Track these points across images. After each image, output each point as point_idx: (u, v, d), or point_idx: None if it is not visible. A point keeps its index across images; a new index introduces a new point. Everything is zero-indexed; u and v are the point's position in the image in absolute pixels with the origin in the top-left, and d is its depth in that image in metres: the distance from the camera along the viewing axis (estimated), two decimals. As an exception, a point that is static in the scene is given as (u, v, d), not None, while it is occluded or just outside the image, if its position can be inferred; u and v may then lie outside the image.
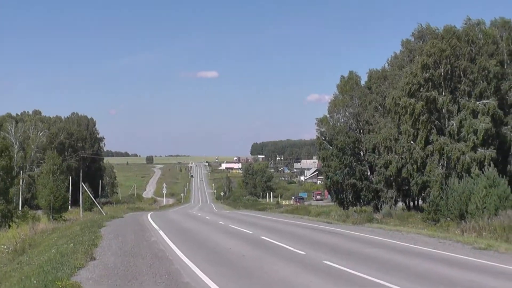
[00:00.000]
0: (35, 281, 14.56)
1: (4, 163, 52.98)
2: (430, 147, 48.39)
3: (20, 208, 68.29)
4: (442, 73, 48.47)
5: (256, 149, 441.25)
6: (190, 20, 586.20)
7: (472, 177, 40.66)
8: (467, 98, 47.79)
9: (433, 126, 49.20)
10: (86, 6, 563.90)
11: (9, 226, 48.69)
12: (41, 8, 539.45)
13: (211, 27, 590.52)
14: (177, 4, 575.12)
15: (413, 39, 58.19)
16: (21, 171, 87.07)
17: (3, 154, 53.32)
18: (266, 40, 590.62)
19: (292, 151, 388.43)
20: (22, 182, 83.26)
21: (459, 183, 41.07)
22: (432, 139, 48.39)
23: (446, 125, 48.89)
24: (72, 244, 23.16)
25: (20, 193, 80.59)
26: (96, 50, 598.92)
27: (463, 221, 35.43)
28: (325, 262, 18.58)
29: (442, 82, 49.00)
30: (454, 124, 47.83)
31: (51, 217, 58.64)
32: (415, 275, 15.97)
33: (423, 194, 52.83)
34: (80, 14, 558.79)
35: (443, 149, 47.33)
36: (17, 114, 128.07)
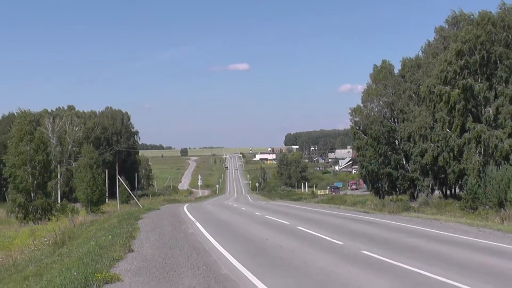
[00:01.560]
0: (75, 273, 14.66)
1: (41, 158, 53.74)
2: (466, 135, 47.83)
3: (59, 202, 69.16)
4: (478, 60, 47.79)
5: (290, 139, 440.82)
6: (220, 13, 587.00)
7: (511, 165, 40.17)
8: (504, 85, 47.11)
9: (469, 113, 48.62)
10: (120, 3, 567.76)
11: (49, 219, 49.42)
12: (73, 3, 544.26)
13: (241, 19, 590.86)
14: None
15: (446, 26, 57.61)
16: (59, 165, 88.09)
17: (40, 149, 54.07)
18: (297, 31, 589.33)
19: (326, 141, 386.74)
20: (60, 176, 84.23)
21: (497, 170, 40.60)
22: (469, 127, 47.82)
23: (483, 112, 48.29)
24: (110, 236, 23.32)
25: (59, 186, 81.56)
26: (129, 45, 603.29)
27: (502, 209, 35.03)
28: (363, 252, 18.44)
29: (478, 69, 48.33)
30: (491, 111, 47.22)
31: (89, 209, 59.44)
32: (456, 265, 15.75)
33: (460, 182, 52.33)
34: (113, 8, 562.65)
35: (480, 137, 46.74)
36: (52, 110, 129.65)
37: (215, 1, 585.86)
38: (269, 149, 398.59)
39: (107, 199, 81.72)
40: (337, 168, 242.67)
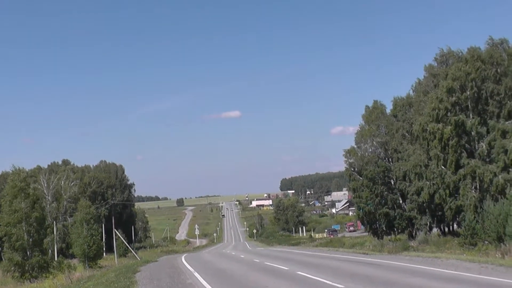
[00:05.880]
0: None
1: (37, 215, 53.33)
2: (461, 171, 47.78)
3: (55, 258, 68.51)
4: (469, 96, 48.09)
5: (286, 184, 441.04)
6: (209, 63, 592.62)
7: (507, 198, 40.06)
8: (495, 119, 47.27)
9: (463, 149, 48.67)
10: (109, 55, 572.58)
11: (46, 276, 48.83)
12: (65, 60, 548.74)
13: (230, 68, 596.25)
14: (198, 50, 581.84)
15: (436, 64, 58.00)
16: (54, 222, 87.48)
17: (35, 205, 53.71)
18: (285, 74, 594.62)
19: (321, 184, 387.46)
20: (56, 232, 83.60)
21: (494, 205, 40.46)
22: (463, 163, 47.82)
23: (476, 148, 48.35)
24: (108, 291, 23.05)
25: (55, 243, 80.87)
26: (118, 99, 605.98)
27: (502, 243, 34.80)
28: (365, 294, 18.22)
29: (469, 105, 48.58)
30: (484, 146, 47.26)
31: (86, 265, 58.86)
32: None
33: (458, 219, 52.10)
34: (102, 64, 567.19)
35: (475, 172, 46.69)
36: (48, 165, 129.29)
37: (205, 52, 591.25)
38: (265, 195, 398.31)
39: (104, 253, 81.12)
40: (334, 210, 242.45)
